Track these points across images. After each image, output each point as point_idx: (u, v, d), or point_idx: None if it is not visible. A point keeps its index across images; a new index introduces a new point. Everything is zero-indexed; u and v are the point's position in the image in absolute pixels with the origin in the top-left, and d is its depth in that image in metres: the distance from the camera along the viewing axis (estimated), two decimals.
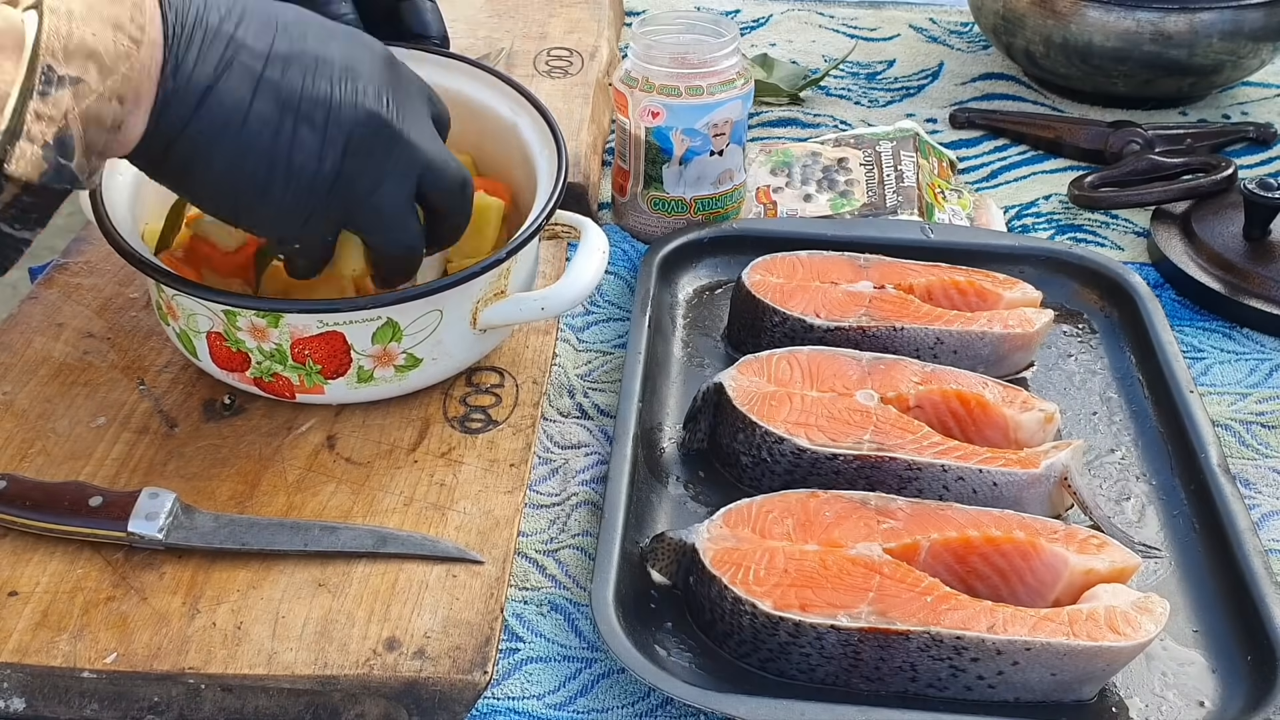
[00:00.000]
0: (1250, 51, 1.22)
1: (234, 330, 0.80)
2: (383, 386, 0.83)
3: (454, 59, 0.93)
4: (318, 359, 0.80)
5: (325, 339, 0.79)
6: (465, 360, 0.86)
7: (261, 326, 0.79)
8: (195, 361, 0.85)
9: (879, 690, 0.69)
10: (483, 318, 0.83)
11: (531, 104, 0.89)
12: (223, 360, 0.82)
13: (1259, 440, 0.88)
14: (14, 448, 0.82)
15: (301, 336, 0.79)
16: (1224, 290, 1.00)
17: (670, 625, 0.73)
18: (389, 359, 0.81)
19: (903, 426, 0.80)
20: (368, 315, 0.78)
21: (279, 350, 0.80)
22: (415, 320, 0.80)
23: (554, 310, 0.83)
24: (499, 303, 0.83)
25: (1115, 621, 0.68)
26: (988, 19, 1.30)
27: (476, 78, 0.92)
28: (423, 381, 0.84)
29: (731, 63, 1.01)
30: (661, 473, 0.83)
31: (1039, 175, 1.19)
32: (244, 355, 0.81)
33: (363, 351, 0.80)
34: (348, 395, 0.83)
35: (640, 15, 1.44)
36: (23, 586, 0.73)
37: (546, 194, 0.84)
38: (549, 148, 0.87)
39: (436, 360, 0.83)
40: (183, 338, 0.83)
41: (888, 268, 0.94)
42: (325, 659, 0.69)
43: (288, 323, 0.78)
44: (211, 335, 0.81)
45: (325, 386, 0.82)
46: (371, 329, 0.79)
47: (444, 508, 0.78)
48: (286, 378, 0.81)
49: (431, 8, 0.93)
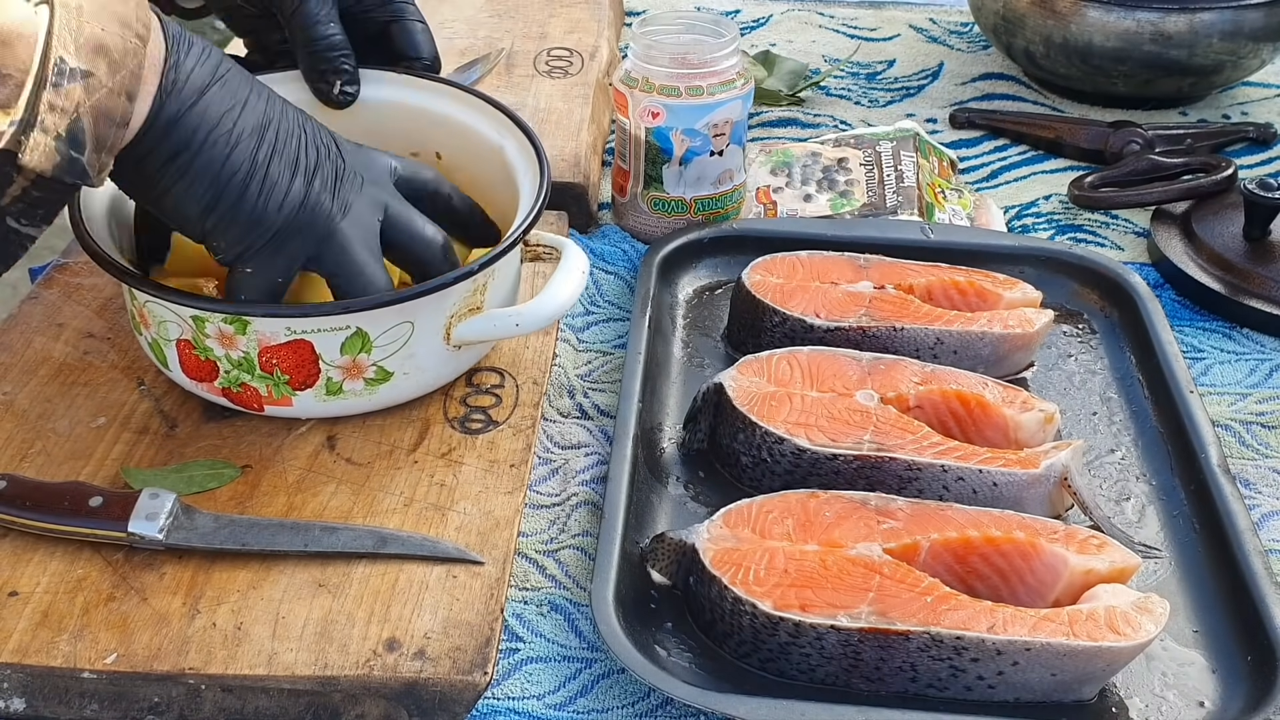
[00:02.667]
0: (1250, 51, 1.22)
1: (202, 338, 0.79)
2: (352, 400, 0.82)
3: (444, 83, 0.93)
4: (285, 369, 0.79)
5: (293, 348, 0.78)
6: (440, 377, 0.85)
7: (230, 334, 0.78)
8: (166, 372, 0.84)
9: (879, 690, 0.69)
10: (456, 333, 0.82)
11: (518, 126, 0.90)
12: (192, 370, 0.81)
13: (1259, 440, 0.88)
14: (14, 448, 0.82)
15: (269, 345, 0.78)
16: (1224, 290, 1.00)
17: (670, 625, 0.73)
18: (358, 371, 0.80)
19: (903, 427, 0.80)
20: (335, 324, 0.78)
21: (247, 359, 0.79)
22: (385, 331, 0.79)
23: (529, 326, 0.82)
24: (473, 318, 0.82)
25: (1115, 622, 0.68)
26: (988, 19, 1.30)
27: (464, 101, 0.92)
28: (394, 398, 0.83)
29: (731, 63, 1.01)
30: (661, 473, 0.83)
31: (1039, 175, 1.19)
32: (212, 364, 0.80)
33: (331, 362, 0.79)
34: (316, 409, 0.82)
35: (640, 15, 1.44)
36: (23, 586, 0.73)
37: (526, 209, 0.83)
38: (533, 167, 0.87)
39: (409, 375, 0.82)
40: (154, 347, 0.83)
41: (888, 268, 0.94)
42: (325, 659, 0.69)
43: (255, 329, 0.77)
44: (181, 343, 0.80)
45: (293, 398, 0.81)
46: (340, 339, 0.78)
47: (444, 508, 0.78)
48: (254, 388, 0.80)
49: (422, 29, 0.93)
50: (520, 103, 1.17)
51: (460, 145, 0.92)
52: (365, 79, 0.91)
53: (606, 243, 1.05)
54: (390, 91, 0.92)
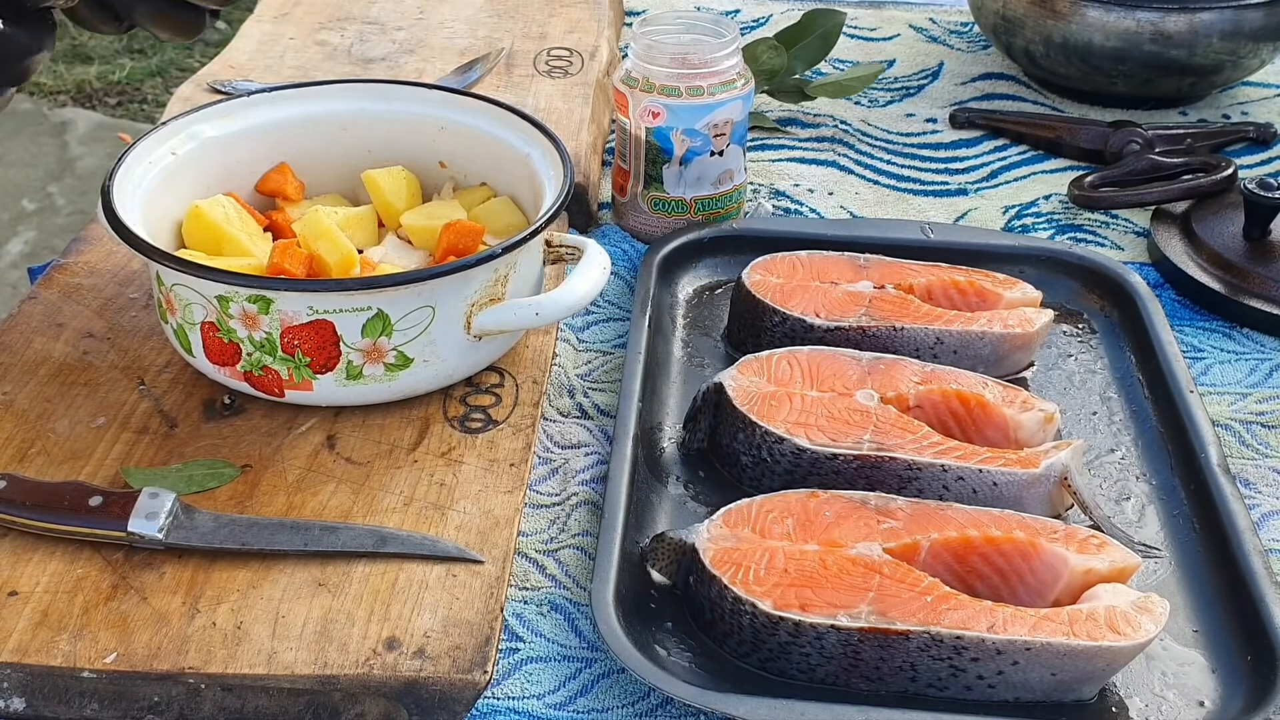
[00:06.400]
0: (1250, 51, 1.22)
1: (226, 319, 0.80)
2: (372, 386, 0.83)
3: (475, 98, 0.97)
4: (307, 350, 0.80)
5: (314, 328, 0.79)
6: (458, 368, 0.85)
7: (253, 313, 0.79)
8: (190, 360, 0.85)
9: (879, 690, 0.69)
10: (477, 322, 0.83)
11: (545, 135, 0.92)
12: (215, 354, 0.82)
13: (1259, 440, 0.88)
14: (14, 448, 0.82)
15: (291, 325, 0.79)
16: (1224, 290, 1.00)
17: (670, 625, 0.73)
18: (379, 355, 0.81)
19: (903, 426, 0.80)
20: (357, 303, 0.79)
21: (269, 340, 0.80)
22: (407, 315, 0.80)
23: (549, 317, 0.83)
24: (494, 307, 0.83)
25: (1115, 621, 0.68)
26: (988, 19, 1.30)
27: (492, 114, 0.96)
28: (413, 386, 0.84)
29: (732, 63, 1.01)
30: (661, 473, 0.83)
31: (1039, 175, 1.19)
32: (235, 347, 0.81)
33: (352, 344, 0.80)
34: (336, 394, 0.83)
35: (640, 15, 1.44)
36: (23, 586, 0.73)
37: (550, 201, 0.85)
38: (556, 170, 0.89)
39: (428, 363, 0.83)
40: (179, 333, 0.84)
41: (888, 268, 0.94)
42: (325, 659, 0.69)
43: (278, 309, 0.79)
44: (205, 326, 0.82)
45: (314, 382, 0.82)
46: (362, 320, 0.80)
47: (444, 507, 0.79)
48: (276, 371, 0.81)
49: None
50: (520, 103, 1.17)
51: (491, 156, 0.95)
52: (392, 95, 0.97)
53: (606, 242, 1.05)
54: (412, 107, 0.97)
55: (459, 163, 0.98)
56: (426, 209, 0.94)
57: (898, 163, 1.20)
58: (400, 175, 0.95)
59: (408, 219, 0.92)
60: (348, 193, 0.98)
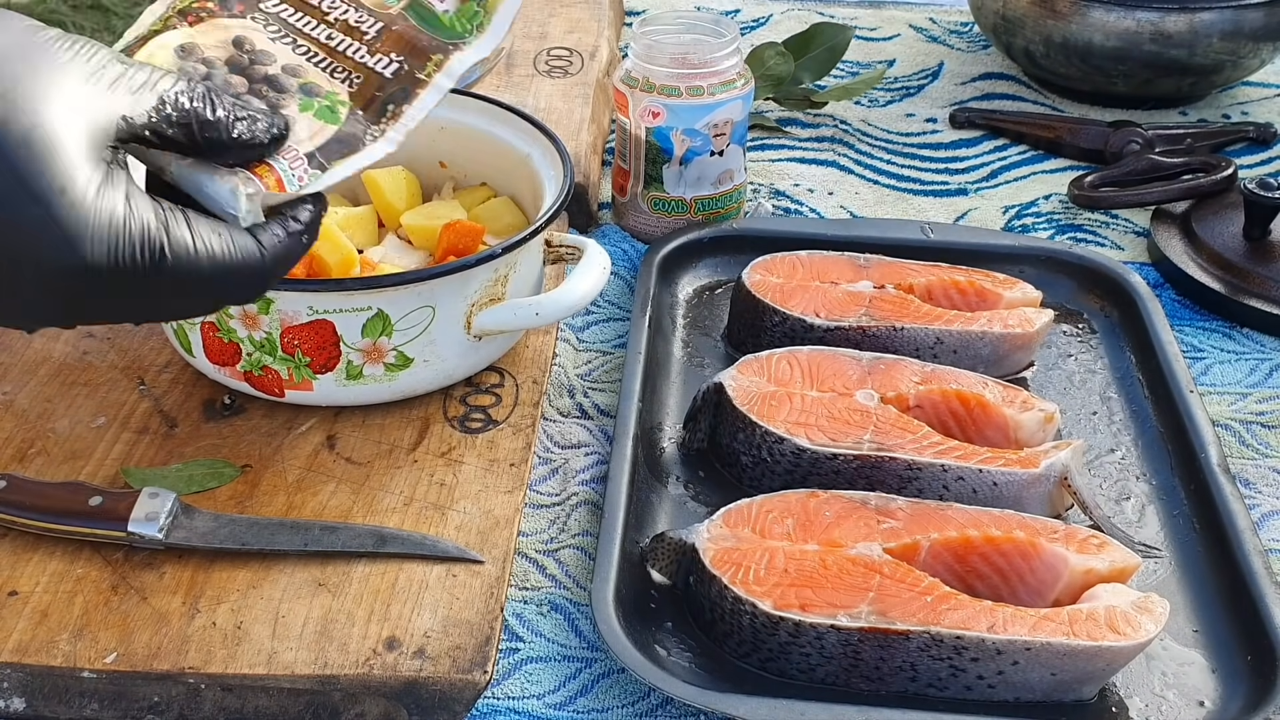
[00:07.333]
0: (1250, 51, 1.22)
1: (226, 319, 0.80)
2: (372, 386, 0.83)
3: (475, 98, 0.97)
4: (307, 350, 0.80)
5: (314, 328, 0.79)
6: (458, 368, 0.85)
7: (253, 313, 0.79)
8: (190, 360, 0.85)
9: (879, 690, 0.69)
10: (477, 322, 0.83)
11: (545, 135, 0.93)
12: (215, 354, 0.83)
13: (1259, 440, 0.88)
14: (14, 448, 0.82)
15: (291, 325, 0.79)
16: (1224, 290, 1.00)
17: (670, 625, 0.73)
18: (379, 355, 0.81)
19: (903, 426, 0.80)
20: (357, 303, 0.79)
21: (269, 340, 0.80)
22: (407, 315, 0.80)
23: (549, 316, 0.83)
24: (494, 307, 0.83)
25: (1115, 621, 0.68)
26: (988, 19, 1.30)
27: (493, 114, 0.96)
28: (413, 386, 0.84)
29: (732, 63, 1.01)
30: (661, 473, 0.83)
31: (1039, 175, 1.19)
32: (235, 346, 0.81)
33: (352, 344, 0.80)
34: (336, 394, 0.83)
35: (640, 15, 1.44)
36: (23, 586, 0.73)
37: (550, 201, 0.86)
38: (556, 170, 0.90)
39: (428, 362, 0.83)
40: (179, 333, 0.84)
41: (888, 267, 0.94)
42: (325, 659, 0.69)
43: (278, 309, 0.79)
44: (205, 326, 0.82)
45: (314, 382, 0.82)
46: (361, 319, 0.79)
47: (444, 507, 0.79)
48: (276, 371, 0.81)
49: None
50: (520, 103, 1.16)
51: (491, 156, 0.96)
52: None
53: (606, 242, 1.05)
54: None
55: (459, 163, 0.98)
56: (426, 209, 0.94)
57: (898, 163, 1.20)
58: (400, 175, 0.95)
59: (408, 219, 0.92)
60: (348, 193, 0.98)
